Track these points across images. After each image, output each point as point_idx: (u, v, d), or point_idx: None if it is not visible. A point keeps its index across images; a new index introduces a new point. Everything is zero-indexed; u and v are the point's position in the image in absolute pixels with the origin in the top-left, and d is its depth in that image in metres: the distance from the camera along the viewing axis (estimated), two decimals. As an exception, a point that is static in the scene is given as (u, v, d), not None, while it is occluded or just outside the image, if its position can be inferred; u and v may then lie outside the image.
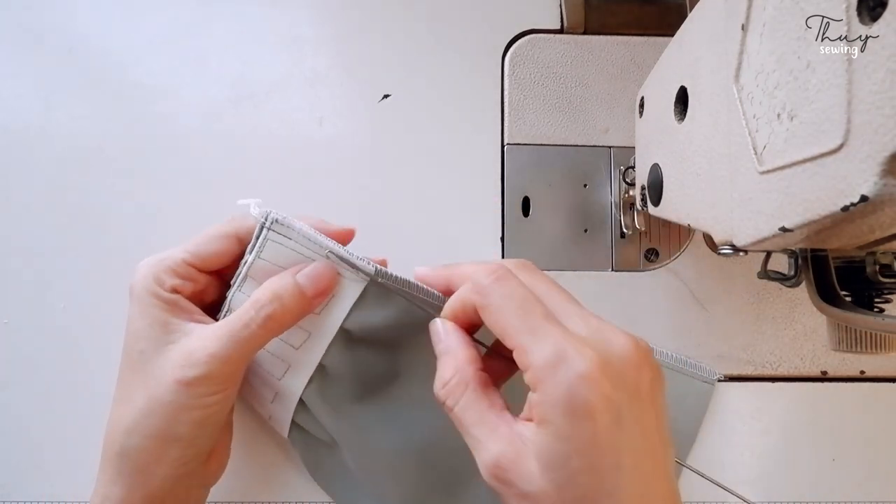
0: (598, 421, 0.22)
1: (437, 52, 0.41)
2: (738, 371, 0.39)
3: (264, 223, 0.30)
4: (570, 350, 0.23)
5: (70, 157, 0.39)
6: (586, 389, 0.22)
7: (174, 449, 0.29)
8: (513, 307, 0.25)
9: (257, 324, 0.28)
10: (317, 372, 0.32)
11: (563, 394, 0.22)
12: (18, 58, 0.40)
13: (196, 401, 0.28)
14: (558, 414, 0.23)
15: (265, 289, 0.29)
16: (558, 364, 0.23)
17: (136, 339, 0.29)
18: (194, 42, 0.40)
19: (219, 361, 0.28)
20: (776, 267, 0.30)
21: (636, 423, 0.23)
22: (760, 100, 0.20)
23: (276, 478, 0.37)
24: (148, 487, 0.29)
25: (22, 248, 0.38)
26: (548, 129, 0.40)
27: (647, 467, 0.23)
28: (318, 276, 0.29)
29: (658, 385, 0.25)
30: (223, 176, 0.39)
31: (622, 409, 0.23)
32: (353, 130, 0.40)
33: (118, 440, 0.29)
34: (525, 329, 0.24)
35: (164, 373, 0.28)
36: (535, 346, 0.24)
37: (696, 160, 0.26)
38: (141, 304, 0.29)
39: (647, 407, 0.24)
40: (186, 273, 0.30)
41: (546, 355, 0.23)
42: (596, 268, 0.40)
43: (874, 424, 0.38)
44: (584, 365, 0.22)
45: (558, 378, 0.23)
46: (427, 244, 0.39)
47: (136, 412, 0.28)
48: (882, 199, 0.15)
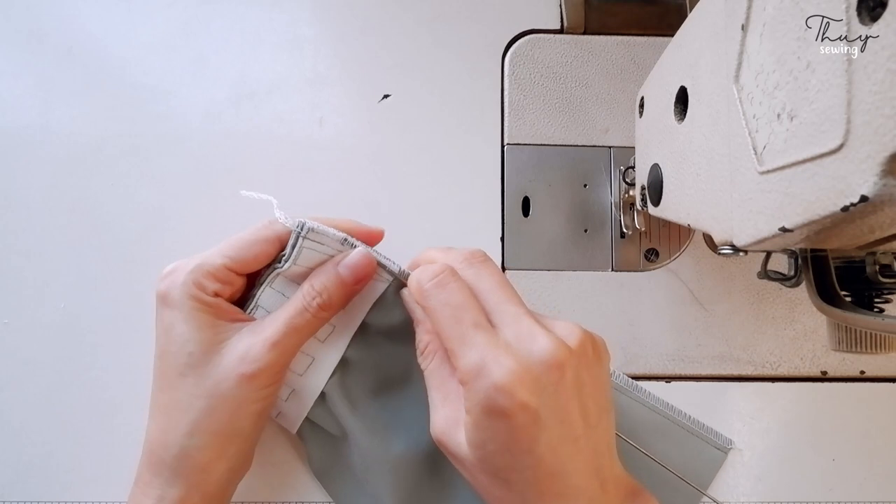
0: (513, 421, 0.25)
1: (437, 52, 0.41)
2: (738, 371, 0.39)
3: (300, 232, 0.31)
4: (490, 361, 0.26)
5: (70, 157, 0.39)
6: (501, 398, 0.25)
7: (235, 444, 0.30)
8: (447, 314, 0.27)
9: (311, 312, 0.30)
10: (339, 364, 0.33)
11: (482, 399, 0.25)
12: (18, 58, 0.40)
13: (257, 393, 0.30)
14: (477, 411, 0.26)
15: (313, 281, 0.31)
16: (479, 373, 0.26)
17: (183, 344, 0.30)
18: (194, 42, 0.40)
19: (277, 351, 0.30)
20: (776, 267, 0.30)
21: (553, 416, 0.26)
22: (760, 100, 0.20)
23: (279, 478, 0.37)
24: (207, 485, 0.30)
25: (22, 248, 0.38)
26: (548, 129, 0.40)
27: (566, 450, 0.26)
28: (357, 266, 0.31)
29: (587, 373, 0.27)
30: (223, 176, 0.39)
31: (539, 409, 0.25)
32: (353, 130, 0.40)
33: (177, 443, 0.29)
34: (455, 336, 0.27)
35: (225, 370, 0.29)
36: (462, 354, 0.26)
37: (695, 160, 0.26)
38: (183, 309, 0.30)
39: (568, 401, 0.26)
40: (226, 277, 0.31)
41: (469, 364, 0.26)
42: (596, 268, 0.40)
43: (874, 424, 0.38)
44: (501, 375, 0.25)
45: (478, 385, 0.26)
46: (427, 244, 0.39)
47: (196, 413, 0.29)
48: (882, 199, 0.15)
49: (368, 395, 0.34)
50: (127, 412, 0.37)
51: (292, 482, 0.37)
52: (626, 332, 0.39)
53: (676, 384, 0.38)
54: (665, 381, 0.38)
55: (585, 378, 0.27)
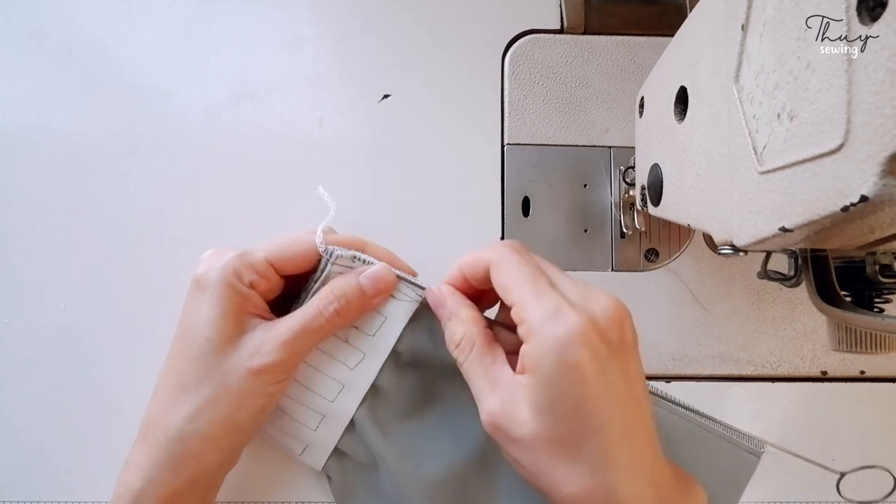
0: (585, 369, 0.25)
1: (437, 52, 0.41)
2: (738, 371, 0.39)
3: (329, 259, 0.32)
4: (566, 308, 0.26)
5: (70, 157, 0.39)
6: (577, 341, 0.25)
7: (232, 436, 0.31)
8: (527, 271, 0.28)
9: (326, 317, 0.31)
10: (370, 392, 0.33)
11: (555, 343, 0.25)
12: (18, 58, 0.40)
13: (261, 389, 0.30)
14: (548, 361, 0.25)
15: (332, 287, 0.31)
16: (556, 317, 0.26)
17: (203, 328, 0.30)
18: (194, 42, 0.40)
19: (288, 350, 0.30)
20: (776, 267, 0.30)
21: (619, 371, 0.26)
22: (760, 100, 0.20)
23: (279, 477, 0.37)
24: (197, 471, 0.30)
25: (22, 248, 0.38)
26: (548, 129, 0.40)
27: (630, 410, 0.26)
28: (378, 278, 0.32)
29: (637, 341, 0.28)
30: (223, 176, 0.39)
31: (607, 360, 0.26)
32: (353, 130, 0.40)
33: (176, 425, 0.30)
34: (532, 288, 0.27)
35: (235, 362, 0.30)
36: (537, 303, 0.27)
37: (695, 160, 0.26)
38: (214, 294, 0.30)
39: (631, 358, 0.27)
40: (265, 271, 0.31)
41: (545, 310, 0.26)
42: (596, 268, 0.40)
43: (874, 424, 0.38)
44: (577, 319, 0.25)
45: (554, 329, 0.25)
46: (427, 244, 0.39)
47: (201, 399, 0.30)
48: (882, 199, 0.15)
49: (398, 421, 0.34)
50: (127, 412, 0.37)
51: (291, 480, 0.37)
52: (626, 332, 0.39)
53: (676, 384, 0.38)
54: (665, 381, 0.38)
55: (637, 343, 0.28)
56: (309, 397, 0.33)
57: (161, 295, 0.37)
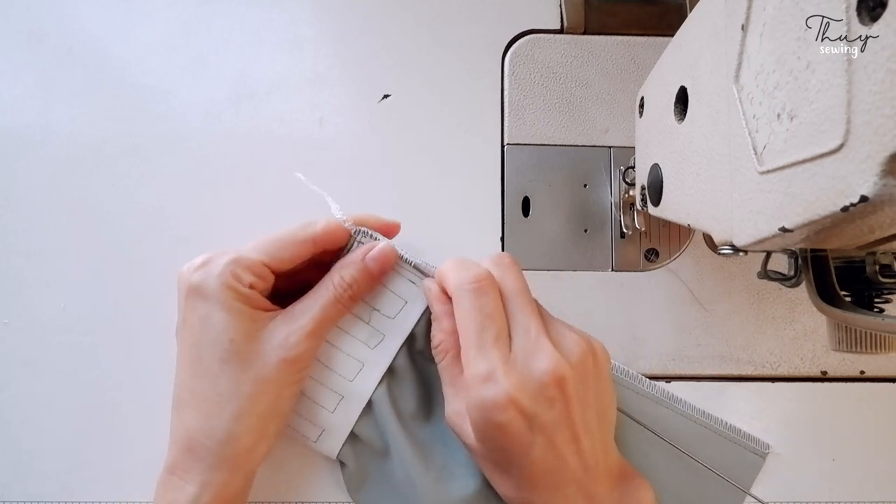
0: (507, 431, 0.28)
1: (437, 52, 0.41)
2: (738, 371, 0.39)
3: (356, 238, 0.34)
4: (497, 374, 0.28)
5: (70, 157, 0.39)
6: (497, 411, 0.28)
7: (275, 423, 0.32)
8: (476, 320, 0.30)
9: (343, 303, 0.33)
10: (387, 373, 0.35)
11: (480, 405, 0.29)
12: (18, 58, 0.40)
13: (295, 376, 0.32)
14: (477, 416, 0.29)
15: (342, 271, 0.33)
16: (485, 382, 0.29)
17: (222, 331, 0.31)
18: (194, 42, 0.40)
19: (314, 338, 0.32)
20: (776, 267, 0.30)
21: (549, 425, 0.29)
22: (760, 100, 0.20)
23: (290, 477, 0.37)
24: (250, 465, 0.32)
25: (22, 248, 0.38)
26: (548, 129, 0.40)
27: (560, 452, 0.29)
28: (381, 258, 0.34)
29: (585, 386, 0.30)
30: (223, 176, 0.39)
31: (534, 420, 0.28)
32: (353, 130, 0.40)
33: (223, 427, 0.31)
34: (475, 343, 0.29)
35: (268, 356, 0.31)
36: (475, 361, 0.29)
37: (695, 160, 0.26)
38: (220, 299, 0.31)
39: (565, 412, 0.29)
40: (262, 272, 0.32)
41: (479, 370, 0.29)
42: (596, 268, 0.40)
43: (874, 424, 0.38)
44: (499, 391, 0.28)
45: (481, 392, 0.28)
46: (427, 244, 0.39)
47: (243, 397, 0.31)
48: (882, 199, 0.15)
49: (413, 405, 0.35)
50: (127, 412, 0.37)
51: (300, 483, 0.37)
52: (626, 332, 0.39)
53: (676, 384, 0.38)
54: (665, 381, 0.38)
55: (584, 390, 0.30)
56: (329, 377, 0.34)
57: (161, 295, 0.37)
